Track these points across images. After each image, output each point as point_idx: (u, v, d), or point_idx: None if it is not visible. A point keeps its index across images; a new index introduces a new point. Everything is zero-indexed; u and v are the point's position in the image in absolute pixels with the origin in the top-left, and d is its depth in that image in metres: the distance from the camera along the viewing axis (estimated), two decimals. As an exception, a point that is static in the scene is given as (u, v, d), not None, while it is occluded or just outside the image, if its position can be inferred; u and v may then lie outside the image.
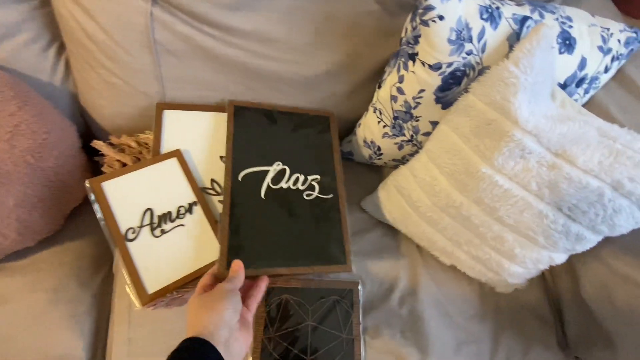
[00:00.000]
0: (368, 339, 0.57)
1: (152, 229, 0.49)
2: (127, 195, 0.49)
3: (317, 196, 0.54)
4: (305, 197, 0.54)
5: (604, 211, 0.46)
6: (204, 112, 0.56)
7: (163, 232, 0.49)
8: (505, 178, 0.49)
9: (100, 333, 0.58)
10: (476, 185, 0.50)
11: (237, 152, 0.51)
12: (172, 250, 0.48)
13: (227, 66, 0.55)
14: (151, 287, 0.47)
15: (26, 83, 0.54)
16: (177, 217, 0.49)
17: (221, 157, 0.54)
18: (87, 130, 0.64)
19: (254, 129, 0.56)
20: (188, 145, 0.54)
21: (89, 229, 0.62)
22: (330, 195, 0.55)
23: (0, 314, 0.53)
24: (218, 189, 0.53)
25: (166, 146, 0.53)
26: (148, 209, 0.49)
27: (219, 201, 0.52)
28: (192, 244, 0.49)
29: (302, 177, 0.54)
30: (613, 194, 0.45)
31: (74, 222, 0.62)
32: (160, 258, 0.48)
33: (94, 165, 0.62)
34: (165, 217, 0.49)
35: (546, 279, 0.66)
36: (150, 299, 0.46)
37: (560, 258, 0.53)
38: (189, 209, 0.50)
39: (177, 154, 0.52)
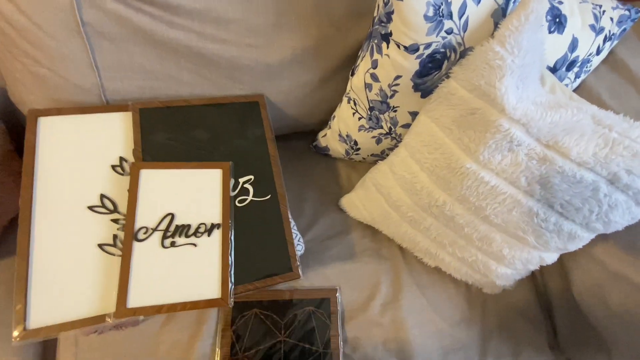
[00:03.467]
0: (348, 351, 0.53)
1: (164, 237, 0.43)
2: (158, 191, 0.44)
3: (251, 200, 0.48)
4: (237, 204, 0.47)
5: (599, 207, 0.41)
6: (88, 114, 0.48)
7: (173, 244, 0.43)
8: (491, 174, 0.44)
9: (47, 358, 0.52)
10: (460, 183, 0.45)
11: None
12: (173, 269, 0.42)
13: (175, 52, 0.47)
14: (134, 301, 0.40)
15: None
16: (194, 234, 0.44)
17: (113, 167, 0.46)
18: (21, 130, 0.55)
19: (164, 135, 0.48)
20: (69, 155, 0.45)
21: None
22: (268, 196, 0.49)
23: None
24: (110, 206, 0.44)
25: (41, 157, 0.44)
26: (170, 214, 0.44)
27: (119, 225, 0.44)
28: (194, 271, 0.43)
29: (231, 182, 0.46)
30: (609, 189, 0.40)
31: (9, 236, 0.54)
32: (157, 273, 0.42)
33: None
34: (183, 229, 0.44)
35: (536, 278, 0.63)
36: (125, 314, 0.40)
37: (551, 258, 0.49)
38: (209, 230, 0.44)
39: (224, 166, 0.46)
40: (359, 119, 0.56)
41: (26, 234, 0.41)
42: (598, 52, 0.51)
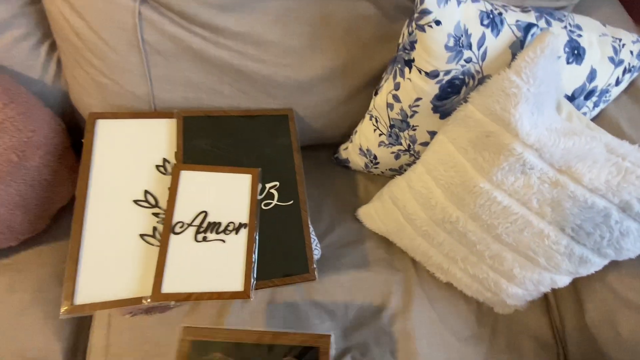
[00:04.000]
0: (356, 356, 0.54)
1: (197, 232, 0.48)
2: (194, 191, 0.50)
3: (276, 204, 0.52)
4: (263, 207, 0.52)
5: (610, 233, 0.43)
6: (139, 119, 0.54)
7: (205, 239, 0.48)
8: (504, 194, 0.46)
9: (81, 337, 0.57)
10: (473, 201, 0.47)
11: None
12: (203, 261, 0.47)
13: (218, 68, 0.53)
14: (167, 287, 0.45)
15: (16, 80, 0.54)
16: (224, 231, 0.49)
17: (157, 167, 0.51)
18: (78, 129, 0.63)
19: (203, 141, 0.53)
20: (121, 154, 0.52)
21: (74, 229, 0.61)
22: (291, 202, 0.53)
23: None
24: (152, 201, 0.50)
25: (97, 154, 0.51)
26: (204, 211, 0.49)
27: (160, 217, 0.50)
28: (221, 265, 0.47)
29: (259, 187, 0.52)
30: (620, 216, 0.42)
31: (59, 223, 0.61)
32: (189, 264, 0.47)
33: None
34: (214, 226, 0.49)
35: (549, 301, 0.63)
36: (160, 298, 0.45)
37: (562, 281, 0.50)
38: (237, 229, 0.49)
39: (254, 172, 0.52)
40: (380, 135, 0.60)
41: (80, 221, 0.46)
42: (617, 83, 0.53)
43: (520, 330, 0.60)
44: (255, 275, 0.47)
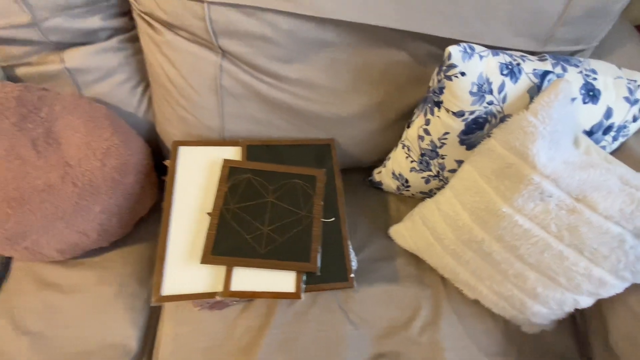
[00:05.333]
0: (387, 363, 0.59)
1: None
2: None
3: (321, 220, 0.60)
4: None
5: (625, 257, 0.47)
6: (211, 147, 0.65)
7: None
8: (525, 218, 0.51)
9: (151, 327, 0.67)
10: (497, 223, 0.53)
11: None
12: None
13: (277, 107, 0.65)
14: (235, 285, 0.54)
15: (117, 114, 0.68)
16: None
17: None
18: (159, 153, 0.77)
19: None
20: (197, 174, 0.62)
21: (150, 235, 0.73)
22: (333, 219, 0.61)
23: (72, 301, 0.63)
24: None
25: (179, 174, 0.63)
26: None
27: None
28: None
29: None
30: (635, 242, 0.46)
31: (138, 229, 0.73)
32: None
33: (160, 182, 0.74)
34: None
35: (577, 324, 0.65)
36: (229, 294, 0.54)
37: (585, 301, 0.54)
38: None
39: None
40: (411, 162, 0.67)
41: (166, 227, 0.58)
42: (634, 119, 0.58)
43: (547, 350, 0.62)
44: (304, 280, 0.56)
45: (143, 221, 0.73)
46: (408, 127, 0.66)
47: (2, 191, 0.54)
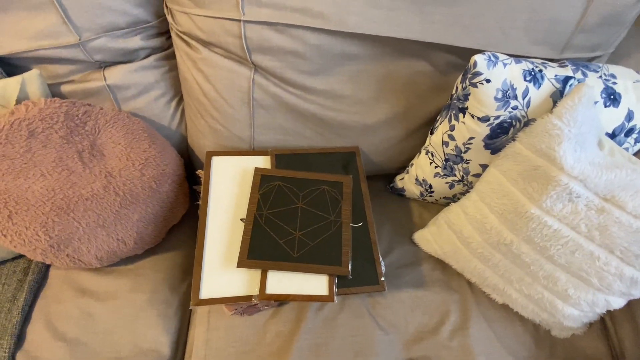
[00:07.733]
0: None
1: None
2: None
3: (350, 225, 0.62)
4: None
5: (659, 256, 0.47)
6: (242, 156, 0.68)
7: None
8: (554, 219, 0.52)
9: (182, 333, 0.69)
10: (525, 225, 0.54)
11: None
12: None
13: (304, 117, 0.68)
14: (270, 289, 0.55)
15: (153, 127, 0.72)
16: None
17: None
18: (191, 164, 0.80)
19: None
20: (230, 182, 0.65)
21: (182, 243, 0.75)
22: (361, 224, 0.62)
23: (107, 307, 0.65)
24: None
25: (213, 182, 0.65)
26: None
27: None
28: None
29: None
30: (667, 240, 0.46)
31: (171, 237, 0.75)
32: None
33: (191, 192, 0.77)
34: None
35: (607, 326, 0.64)
36: (265, 297, 0.55)
37: (617, 302, 0.54)
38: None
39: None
40: (435, 167, 0.69)
41: (202, 233, 0.60)
42: (656, 122, 0.59)
43: (578, 354, 0.62)
44: (337, 283, 0.57)
45: (174, 229, 0.76)
46: (431, 133, 0.68)
47: (50, 201, 0.57)
